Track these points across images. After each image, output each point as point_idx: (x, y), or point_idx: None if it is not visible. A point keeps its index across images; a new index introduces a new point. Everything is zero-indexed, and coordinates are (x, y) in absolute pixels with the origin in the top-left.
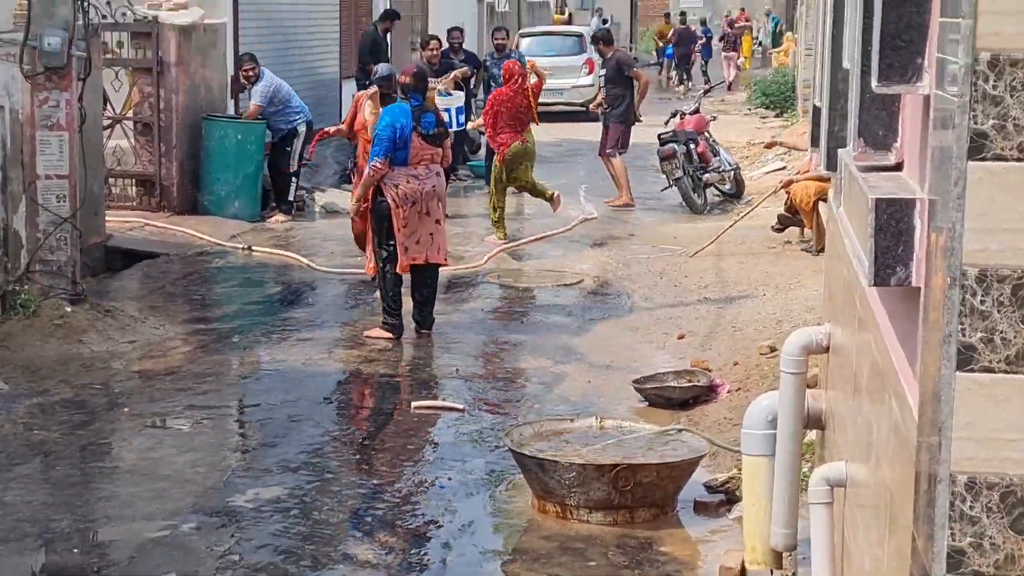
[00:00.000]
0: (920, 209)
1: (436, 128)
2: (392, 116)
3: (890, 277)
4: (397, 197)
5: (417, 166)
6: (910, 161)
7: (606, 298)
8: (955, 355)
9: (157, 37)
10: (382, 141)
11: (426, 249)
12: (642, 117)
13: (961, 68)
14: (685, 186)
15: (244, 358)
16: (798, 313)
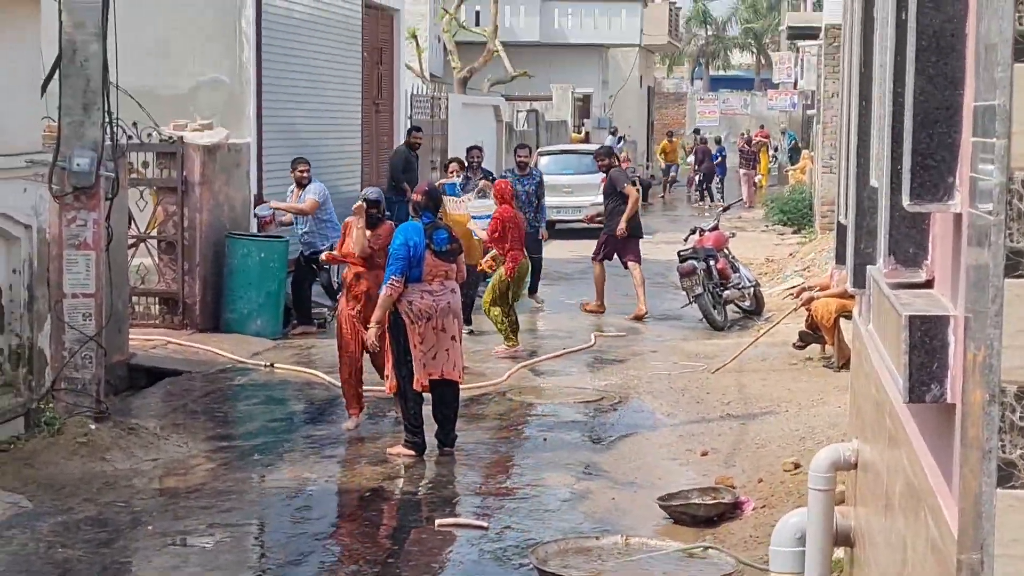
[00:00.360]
0: (954, 326)
1: (449, 244)
2: (405, 234)
3: (925, 394)
4: (412, 313)
5: (432, 282)
6: (941, 278)
7: (628, 415)
8: (995, 472)
9: (182, 157)
10: (397, 260)
11: (442, 365)
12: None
13: (995, 187)
14: (705, 303)
15: (267, 475)
16: (822, 430)
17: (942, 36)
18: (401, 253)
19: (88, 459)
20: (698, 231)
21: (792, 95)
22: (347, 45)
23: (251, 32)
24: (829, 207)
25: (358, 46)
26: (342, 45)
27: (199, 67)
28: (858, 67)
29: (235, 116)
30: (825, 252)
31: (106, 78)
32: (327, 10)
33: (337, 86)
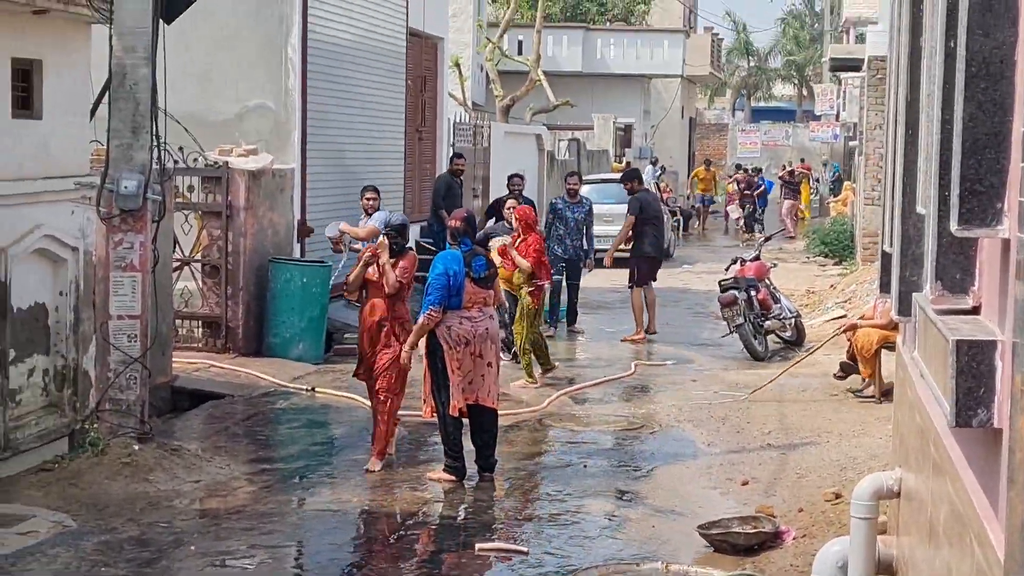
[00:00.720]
0: (1001, 351)
1: (487, 271)
2: (444, 263)
3: (971, 419)
4: (450, 339)
5: (470, 308)
6: (988, 303)
7: (668, 443)
8: None
9: (227, 182)
10: (436, 289)
11: (477, 391)
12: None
13: None
14: (746, 333)
15: (307, 498)
16: (862, 460)
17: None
18: (440, 283)
19: (131, 480)
20: (739, 261)
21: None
22: (391, 73)
23: (296, 59)
24: (871, 239)
25: (402, 74)
26: (387, 73)
27: (245, 93)
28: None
29: (280, 142)
30: (866, 284)
31: (155, 102)
32: (372, 38)
33: (381, 113)
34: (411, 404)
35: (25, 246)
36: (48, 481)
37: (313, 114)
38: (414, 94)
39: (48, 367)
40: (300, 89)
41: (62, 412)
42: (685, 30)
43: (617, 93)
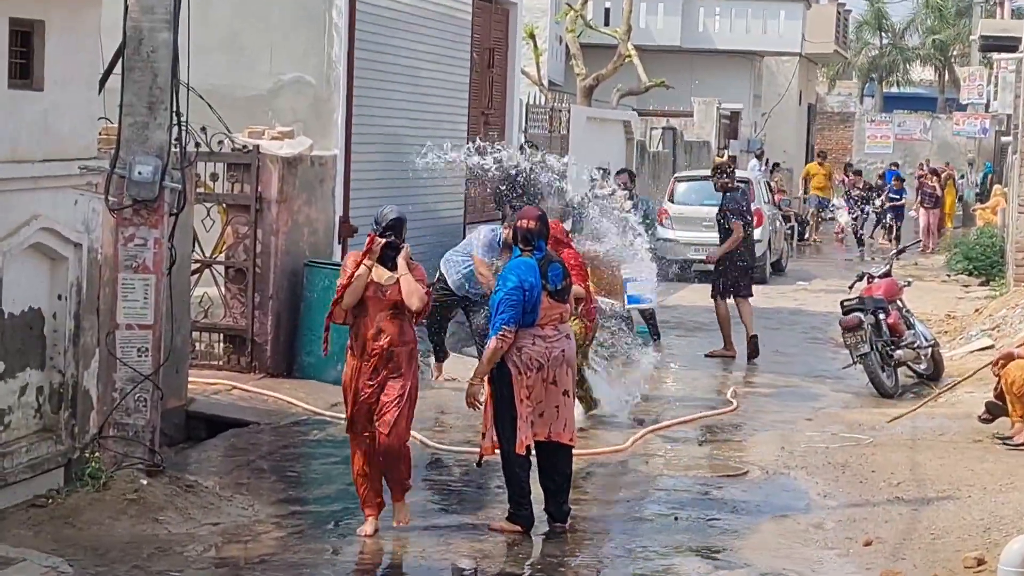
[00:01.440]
0: None
1: (564, 280)
2: (519, 274)
3: None
4: (520, 363)
5: (545, 327)
6: None
7: (777, 493)
8: None
9: (257, 170)
10: (511, 306)
11: (550, 424)
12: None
13: None
14: (872, 363)
15: (344, 548)
16: (1011, 520)
17: None
18: (515, 298)
19: (138, 520)
20: (866, 278)
21: (983, 119)
22: (454, 44)
23: (343, 24)
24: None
25: (467, 45)
26: (448, 44)
27: (280, 65)
28: None
29: (321, 124)
30: (1019, 309)
31: (176, 73)
32: (432, 1)
33: (441, 92)
34: (470, 438)
35: (19, 241)
36: (40, 519)
37: (360, 91)
38: (480, 70)
39: (43, 384)
40: (346, 61)
41: (58, 438)
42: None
43: (722, 73)
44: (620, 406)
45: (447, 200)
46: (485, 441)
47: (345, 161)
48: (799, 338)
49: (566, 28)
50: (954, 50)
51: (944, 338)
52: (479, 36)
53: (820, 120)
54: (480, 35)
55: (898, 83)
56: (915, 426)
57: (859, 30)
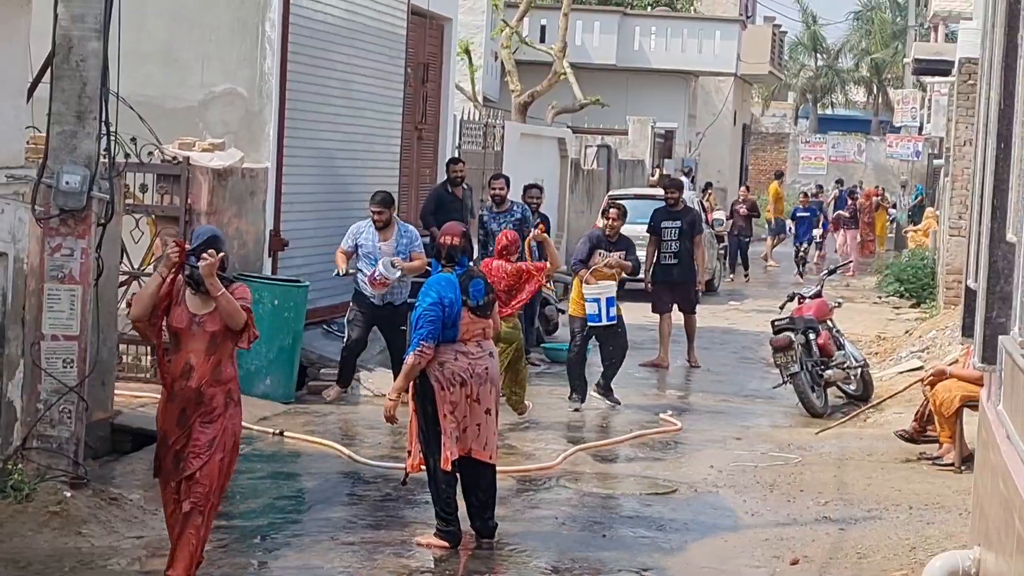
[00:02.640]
0: None
1: (486, 296)
2: (438, 290)
3: None
4: (443, 378)
5: (467, 342)
6: None
7: (705, 511)
8: None
9: (187, 181)
10: (429, 322)
11: (471, 441)
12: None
13: None
14: (802, 383)
15: (270, 563)
16: (937, 540)
17: None
18: (433, 314)
19: (61, 532)
20: (797, 298)
21: (916, 142)
22: (389, 58)
23: (275, 37)
24: (956, 277)
25: (401, 60)
26: (383, 58)
27: (212, 76)
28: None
29: (252, 136)
30: (948, 331)
31: (105, 82)
32: (367, 15)
33: (375, 106)
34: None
35: None
36: None
37: (293, 104)
38: (414, 84)
39: None
40: (278, 73)
41: None
42: (741, 20)
43: (657, 92)
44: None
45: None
46: (411, 458)
47: (276, 174)
48: (730, 357)
49: (501, 44)
50: (888, 73)
51: (874, 359)
52: (413, 51)
53: (755, 140)
54: (415, 50)
55: (832, 105)
56: (843, 446)
57: (794, 51)
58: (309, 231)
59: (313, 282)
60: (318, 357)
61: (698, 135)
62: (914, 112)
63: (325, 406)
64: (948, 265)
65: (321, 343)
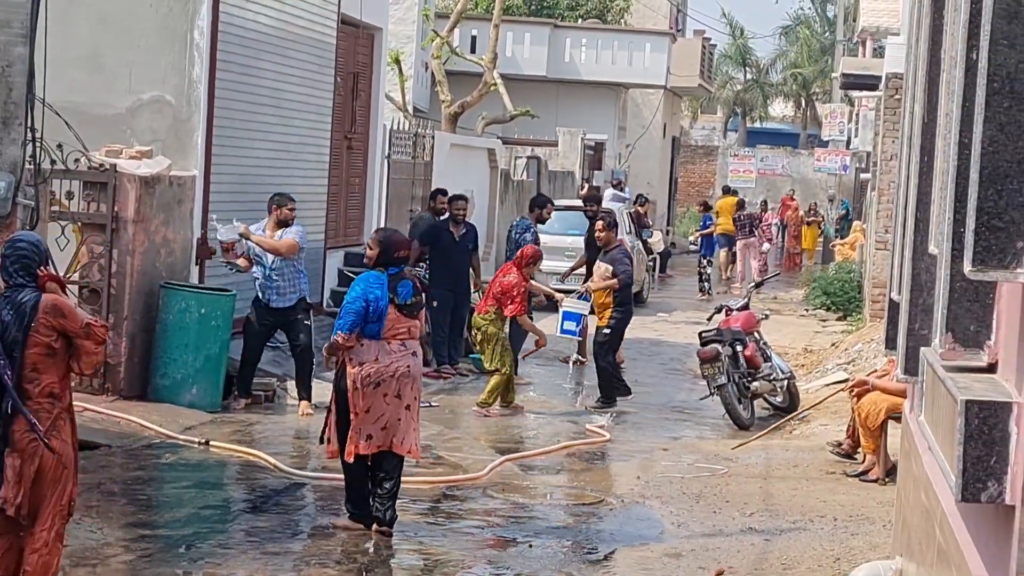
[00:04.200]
0: (1017, 415)
1: (413, 297)
2: (364, 286)
3: (980, 492)
4: (359, 379)
5: (391, 341)
6: (1006, 361)
7: (632, 522)
8: None
9: (114, 189)
10: (351, 313)
11: (391, 436)
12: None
13: None
14: (729, 395)
15: (195, 572)
16: (861, 551)
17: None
18: (355, 307)
19: None
20: (724, 310)
21: (844, 155)
22: (318, 67)
23: (204, 44)
24: (881, 290)
25: (331, 69)
26: (313, 67)
27: (140, 83)
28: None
29: (180, 143)
30: (874, 343)
31: (31, 88)
32: (296, 24)
33: (304, 115)
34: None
35: None
36: None
37: (221, 112)
38: (344, 94)
39: None
40: (207, 81)
41: None
42: (671, 33)
43: (587, 104)
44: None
45: (307, 224)
46: (330, 445)
47: (204, 182)
48: (658, 369)
49: (432, 55)
50: (816, 87)
51: (801, 371)
52: (344, 60)
53: (684, 153)
54: (345, 59)
55: (761, 118)
56: (769, 457)
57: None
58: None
59: (241, 291)
60: None
61: (628, 147)
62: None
63: (252, 415)
64: (874, 278)
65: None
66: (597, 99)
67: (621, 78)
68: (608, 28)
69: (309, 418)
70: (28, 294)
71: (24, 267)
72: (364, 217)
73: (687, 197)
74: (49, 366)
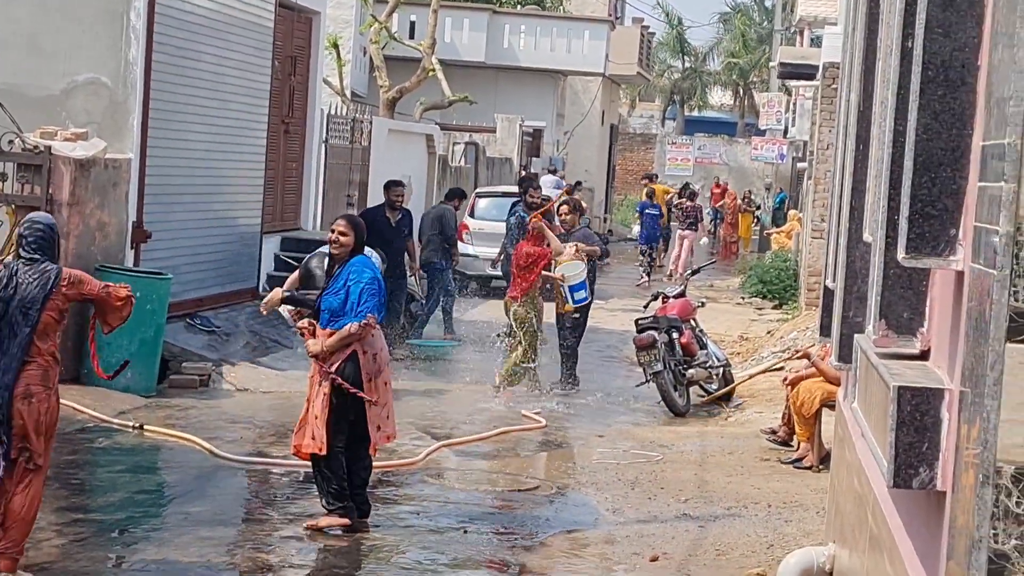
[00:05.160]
0: (949, 401)
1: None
2: (372, 268)
3: (912, 478)
4: (372, 367)
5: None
6: (939, 348)
7: (566, 508)
8: (985, 564)
9: (49, 171)
10: (372, 296)
11: (391, 426)
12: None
13: (1002, 237)
14: (665, 382)
15: (129, 556)
16: (794, 538)
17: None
18: (376, 287)
19: None
20: (661, 297)
21: (781, 145)
22: (256, 51)
23: (141, 26)
24: (817, 279)
25: (269, 53)
26: (250, 50)
27: (76, 65)
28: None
29: (116, 126)
30: (809, 331)
31: None
32: (234, 6)
33: (241, 98)
34: (260, 449)
35: None
36: None
37: (158, 95)
38: (281, 78)
39: None
40: (143, 63)
41: None
42: (610, 20)
43: (526, 91)
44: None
45: (244, 208)
46: (315, 442)
47: (140, 165)
48: (594, 356)
49: (370, 39)
50: (754, 76)
51: (737, 359)
52: (281, 44)
53: (622, 141)
54: (282, 43)
55: (699, 107)
56: (704, 444)
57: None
58: (173, 223)
59: (176, 275)
60: (180, 350)
61: (566, 134)
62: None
63: (186, 400)
64: (810, 267)
65: (184, 336)
66: (536, 86)
67: (560, 65)
68: (547, 15)
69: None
70: (51, 265)
71: (40, 245)
72: (301, 202)
73: (625, 185)
74: (55, 331)
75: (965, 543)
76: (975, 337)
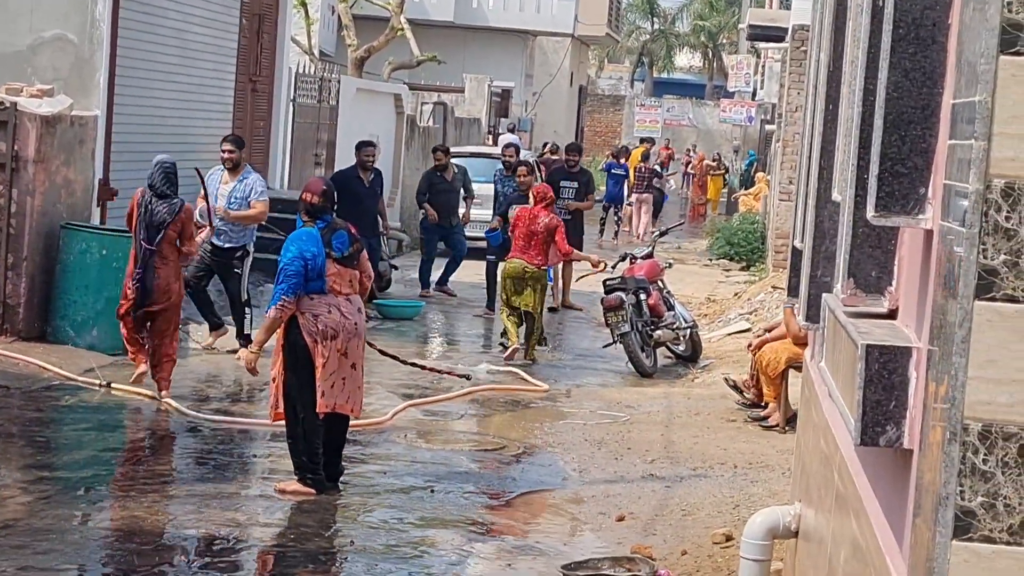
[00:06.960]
0: (916, 360)
1: (351, 247)
2: (299, 245)
3: (879, 436)
4: (317, 331)
5: (339, 295)
6: (906, 307)
7: (533, 468)
8: (952, 522)
9: (14, 128)
10: (290, 276)
11: (336, 397)
12: None
13: (971, 195)
14: (632, 343)
15: (94, 514)
16: (760, 498)
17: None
18: (294, 268)
19: None
20: (629, 258)
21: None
22: (223, 8)
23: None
24: (784, 241)
25: (236, 10)
26: (217, 7)
27: (42, 21)
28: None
29: (82, 83)
30: (777, 293)
31: None
32: None
33: (208, 56)
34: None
35: None
36: None
37: (124, 51)
38: (249, 36)
39: None
40: (110, 20)
41: None
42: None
43: (495, 51)
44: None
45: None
46: (276, 409)
47: (107, 122)
48: (562, 316)
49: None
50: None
51: (704, 320)
52: (249, 1)
53: (591, 102)
54: (250, 0)
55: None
56: (670, 405)
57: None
58: (139, 181)
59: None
60: None
61: (535, 95)
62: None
63: None
64: (777, 229)
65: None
66: (504, 46)
67: (529, 25)
68: None
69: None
70: (177, 199)
71: (168, 180)
72: (268, 161)
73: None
74: (172, 249)
75: (932, 500)
76: (943, 295)
